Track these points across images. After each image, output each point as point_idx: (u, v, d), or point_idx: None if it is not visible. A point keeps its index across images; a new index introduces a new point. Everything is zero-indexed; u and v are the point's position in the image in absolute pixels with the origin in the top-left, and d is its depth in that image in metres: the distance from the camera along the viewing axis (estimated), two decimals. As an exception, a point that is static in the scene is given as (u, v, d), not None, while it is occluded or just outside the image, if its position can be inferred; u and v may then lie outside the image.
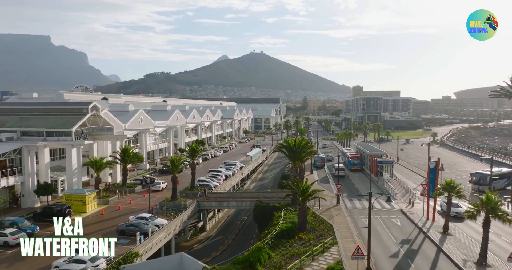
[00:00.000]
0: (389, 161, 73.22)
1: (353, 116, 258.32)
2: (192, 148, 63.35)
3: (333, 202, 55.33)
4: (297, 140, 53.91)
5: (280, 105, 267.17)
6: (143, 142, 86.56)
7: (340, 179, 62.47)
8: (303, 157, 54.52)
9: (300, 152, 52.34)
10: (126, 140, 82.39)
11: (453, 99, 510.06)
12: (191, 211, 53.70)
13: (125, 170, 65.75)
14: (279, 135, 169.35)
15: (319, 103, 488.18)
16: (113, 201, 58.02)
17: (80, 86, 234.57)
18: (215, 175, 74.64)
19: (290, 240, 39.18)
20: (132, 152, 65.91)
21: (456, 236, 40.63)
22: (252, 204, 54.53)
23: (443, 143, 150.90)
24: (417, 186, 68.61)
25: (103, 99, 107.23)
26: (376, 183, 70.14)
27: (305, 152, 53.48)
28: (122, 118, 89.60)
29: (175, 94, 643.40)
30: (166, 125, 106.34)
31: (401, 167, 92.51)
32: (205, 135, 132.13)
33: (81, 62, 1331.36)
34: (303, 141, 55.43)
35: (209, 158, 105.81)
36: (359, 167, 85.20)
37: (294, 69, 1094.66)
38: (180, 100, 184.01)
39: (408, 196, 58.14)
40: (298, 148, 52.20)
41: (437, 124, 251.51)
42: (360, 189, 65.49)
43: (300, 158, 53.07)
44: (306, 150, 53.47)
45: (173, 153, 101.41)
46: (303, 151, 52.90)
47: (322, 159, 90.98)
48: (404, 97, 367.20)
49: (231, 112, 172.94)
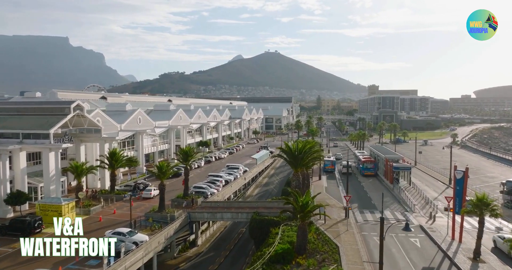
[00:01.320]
0: (406, 166, 65.47)
1: (368, 116, 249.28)
2: (184, 151, 57.01)
3: (342, 215, 48.35)
4: (299, 143, 46.89)
5: (292, 105, 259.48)
6: (140, 144, 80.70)
7: (350, 184, 55.58)
8: (307, 164, 47.65)
9: (303, 158, 45.47)
10: (121, 142, 76.80)
11: (472, 98, 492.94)
12: (180, 223, 47.32)
13: (113, 176, 59.87)
14: (290, 135, 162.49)
15: (333, 102, 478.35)
16: (96, 211, 52.12)
17: (92, 86, 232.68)
18: (214, 181, 68.34)
19: (286, 266, 32.47)
20: (121, 155, 59.95)
21: (491, 264, 33.16)
22: (248, 216, 47.91)
23: (464, 145, 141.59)
24: (438, 195, 60.94)
25: (101, 98, 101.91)
26: (392, 191, 62.70)
27: (309, 158, 46.55)
28: (118, 118, 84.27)
29: (189, 93, 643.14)
30: (168, 125, 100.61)
31: (419, 172, 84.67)
32: (211, 136, 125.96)
33: (99, 63, 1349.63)
34: (307, 145, 48.57)
35: (213, 161, 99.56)
36: (373, 172, 77.62)
37: (309, 69, 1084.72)
38: (187, 100, 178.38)
39: (429, 208, 50.71)
40: (301, 153, 45.31)
41: (457, 124, 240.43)
42: (373, 198, 58.22)
43: (303, 164, 46.23)
44: (310, 155, 46.57)
45: (173, 155, 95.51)
46: (307, 157, 45.99)
47: (332, 162, 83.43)
48: (421, 96, 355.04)
49: (240, 112, 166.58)
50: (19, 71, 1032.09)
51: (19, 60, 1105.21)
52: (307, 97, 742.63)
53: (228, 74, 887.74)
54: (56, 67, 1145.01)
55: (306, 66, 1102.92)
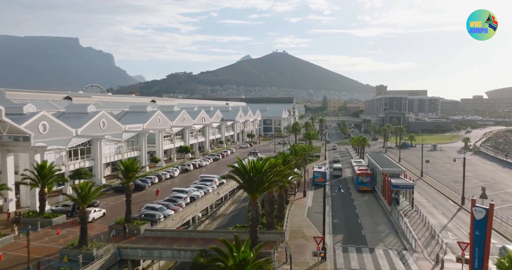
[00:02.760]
0: (407, 184, 52.44)
1: (373, 118, 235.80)
2: (125, 166, 45.19)
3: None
4: (256, 162, 34.46)
5: (294, 105, 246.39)
6: (97, 152, 69.23)
7: (341, 202, 43.36)
8: (268, 188, 35.38)
9: (262, 181, 33.28)
10: (71, 150, 65.35)
11: (485, 99, 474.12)
12: (103, 264, 35.68)
13: (41, 194, 48.34)
14: (288, 139, 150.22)
15: (339, 103, 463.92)
16: (3, 244, 40.54)
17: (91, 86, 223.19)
18: (175, 198, 56.67)
19: None
20: (51, 169, 48.35)
21: None
22: (193, 255, 36.08)
23: (477, 150, 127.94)
24: (448, 221, 48.34)
25: (65, 98, 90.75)
26: (389, 215, 50.23)
27: (270, 181, 34.20)
28: (77, 122, 73.17)
29: (196, 94, 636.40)
30: (143, 129, 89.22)
31: (425, 185, 71.99)
32: (196, 140, 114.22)
33: (108, 63, 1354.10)
34: (271, 162, 36.29)
35: (191, 169, 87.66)
36: (370, 188, 64.91)
37: (317, 69, 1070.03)
38: (174, 100, 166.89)
39: (435, 246, 38.30)
40: (259, 174, 33.12)
41: (468, 127, 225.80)
42: (365, 226, 45.87)
43: (262, 190, 34.03)
44: (271, 176, 34.19)
45: (145, 163, 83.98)
46: (267, 179, 33.75)
47: (323, 174, 70.64)
48: (431, 96, 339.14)
49: (234, 113, 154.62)
50: (30, 72, 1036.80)
51: (30, 61, 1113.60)
52: (314, 97, 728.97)
53: (236, 74, 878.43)
54: (66, 68, 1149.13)
55: (314, 66, 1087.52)
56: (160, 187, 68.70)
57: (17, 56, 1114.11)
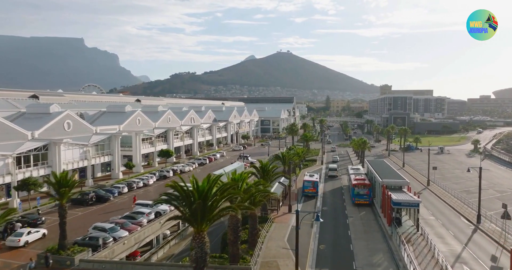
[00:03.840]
0: (411, 202, 42.20)
1: (377, 118, 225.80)
2: (57, 180, 36.18)
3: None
4: (203, 183, 25.26)
5: (294, 105, 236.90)
6: (55, 158, 60.45)
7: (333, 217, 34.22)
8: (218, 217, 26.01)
9: (211, 207, 24.15)
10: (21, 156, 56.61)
11: (492, 99, 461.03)
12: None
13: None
14: (286, 140, 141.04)
15: (343, 103, 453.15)
16: None
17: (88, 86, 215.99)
18: (136, 214, 47.81)
19: None
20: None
21: None
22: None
23: (488, 154, 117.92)
24: (461, 249, 38.80)
25: (32, 97, 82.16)
26: (389, 239, 40.80)
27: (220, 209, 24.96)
28: (37, 123, 64.58)
29: (200, 94, 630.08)
30: (118, 130, 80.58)
31: (433, 197, 62.47)
32: (182, 143, 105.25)
33: (113, 63, 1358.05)
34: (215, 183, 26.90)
35: (170, 176, 78.39)
36: (367, 201, 55.32)
37: (322, 69, 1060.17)
38: (163, 100, 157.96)
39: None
40: (205, 196, 23.97)
41: (478, 127, 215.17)
42: (357, 254, 36.59)
43: (210, 219, 24.78)
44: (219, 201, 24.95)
45: (118, 169, 75.16)
46: (217, 203, 24.58)
47: (314, 184, 61.26)
48: (437, 96, 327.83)
49: (227, 114, 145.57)
50: (35, 72, 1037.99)
51: (36, 61, 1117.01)
52: (318, 97, 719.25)
53: (240, 74, 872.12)
54: (71, 68, 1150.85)
55: (318, 66, 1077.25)
56: (127, 198, 60.11)
57: (23, 56, 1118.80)
